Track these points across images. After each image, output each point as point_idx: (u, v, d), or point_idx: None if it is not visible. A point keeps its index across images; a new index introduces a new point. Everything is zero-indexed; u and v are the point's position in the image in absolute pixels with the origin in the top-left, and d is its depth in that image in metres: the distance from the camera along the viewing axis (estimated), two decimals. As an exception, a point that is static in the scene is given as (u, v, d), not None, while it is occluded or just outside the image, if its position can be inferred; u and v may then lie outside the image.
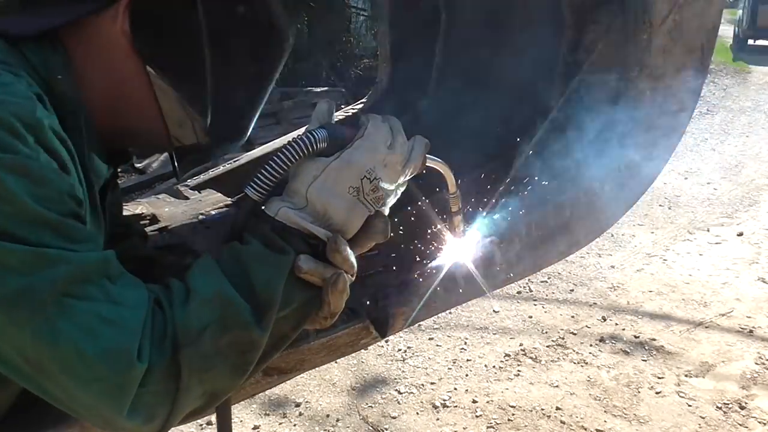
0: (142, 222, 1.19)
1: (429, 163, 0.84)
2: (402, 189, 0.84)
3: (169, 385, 0.67)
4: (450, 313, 3.72)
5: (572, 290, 4.14)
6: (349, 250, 0.76)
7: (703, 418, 2.87)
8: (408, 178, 0.83)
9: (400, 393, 3.08)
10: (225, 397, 0.76)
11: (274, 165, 0.75)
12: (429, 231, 1.03)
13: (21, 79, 0.67)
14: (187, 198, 1.39)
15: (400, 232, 1.00)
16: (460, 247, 0.98)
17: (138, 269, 0.74)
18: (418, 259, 1.08)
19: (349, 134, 0.79)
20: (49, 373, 0.63)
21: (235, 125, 0.90)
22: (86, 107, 0.76)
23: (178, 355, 0.67)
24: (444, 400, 3.01)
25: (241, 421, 2.87)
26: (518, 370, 3.25)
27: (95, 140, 0.78)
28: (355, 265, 0.78)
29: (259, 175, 0.76)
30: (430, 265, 1.05)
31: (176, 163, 0.92)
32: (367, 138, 0.78)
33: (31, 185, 0.62)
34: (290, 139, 0.75)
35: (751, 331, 3.61)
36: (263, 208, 0.76)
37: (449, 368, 3.28)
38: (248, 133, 0.93)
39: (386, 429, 2.83)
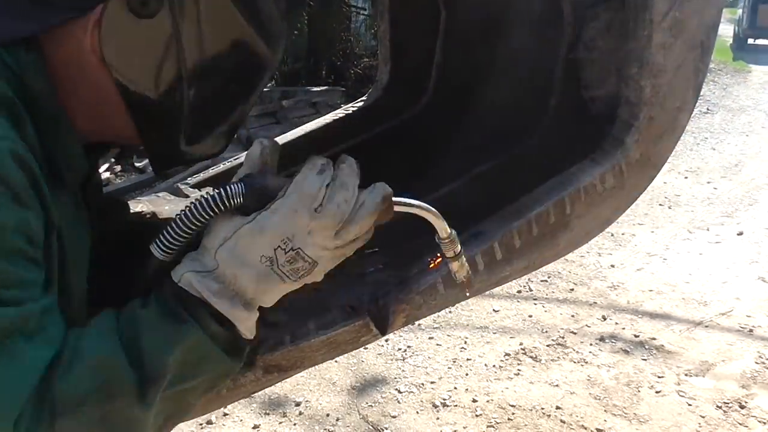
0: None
1: (400, 209, 0.73)
2: (356, 246, 0.72)
3: None
4: (450, 312, 3.72)
5: (572, 289, 4.13)
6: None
7: (703, 417, 2.87)
8: (361, 236, 0.71)
9: (400, 392, 3.08)
10: None
11: (180, 224, 0.69)
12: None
13: None
14: (187, 196, 1.39)
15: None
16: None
17: (123, 240, 0.71)
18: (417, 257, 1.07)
19: (276, 186, 0.69)
20: None
21: (211, 140, 0.85)
22: (64, 107, 0.73)
23: (57, 425, 0.61)
24: (444, 400, 3.01)
25: (241, 420, 2.87)
26: (518, 370, 3.25)
27: (74, 138, 0.75)
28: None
29: (164, 233, 0.69)
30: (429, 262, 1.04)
31: (152, 162, 0.87)
32: (289, 198, 0.67)
33: None
34: (203, 193, 0.68)
35: (751, 331, 3.61)
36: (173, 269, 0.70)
37: (449, 367, 3.28)
38: (225, 147, 0.88)
39: (386, 428, 2.83)
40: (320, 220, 0.67)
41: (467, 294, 1.04)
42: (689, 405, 2.95)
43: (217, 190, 0.68)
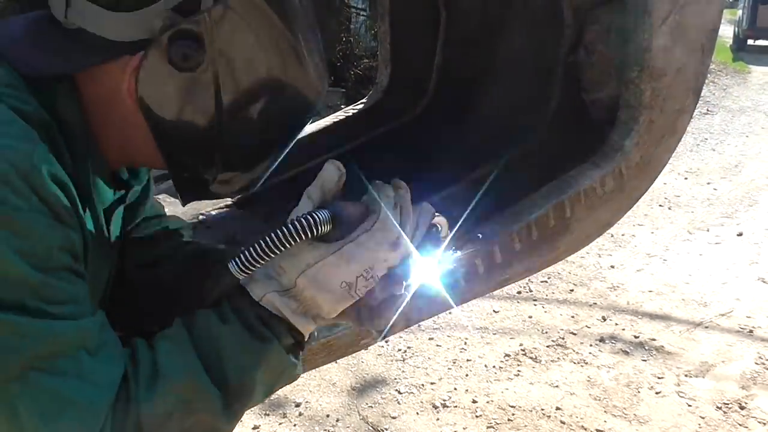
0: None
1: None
2: None
3: None
4: (450, 313, 3.72)
5: (572, 290, 4.13)
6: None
7: (703, 418, 2.87)
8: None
9: (400, 393, 3.08)
10: None
11: (265, 248, 0.68)
12: None
13: (27, 107, 0.64)
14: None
15: None
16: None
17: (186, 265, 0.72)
18: None
19: (355, 215, 0.71)
20: None
21: (242, 181, 0.84)
22: (94, 137, 0.73)
23: None
24: (444, 400, 3.01)
25: (240, 421, 2.86)
26: (518, 370, 3.25)
27: (103, 165, 0.76)
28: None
29: (247, 254, 0.69)
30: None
31: (179, 192, 0.85)
32: (375, 233, 0.70)
33: (15, 239, 0.58)
34: (289, 220, 0.68)
35: (751, 331, 3.61)
36: (246, 286, 0.71)
37: (449, 368, 3.28)
38: (257, 186, 0.86)
39: (386, 429, 2.83)
40: (398, 251, 0.71)
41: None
42: (689, 406, 2.95)
43: (305, 217, 0.68)
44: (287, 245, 0.68)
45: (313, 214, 0.68)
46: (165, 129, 0.73)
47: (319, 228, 0.68)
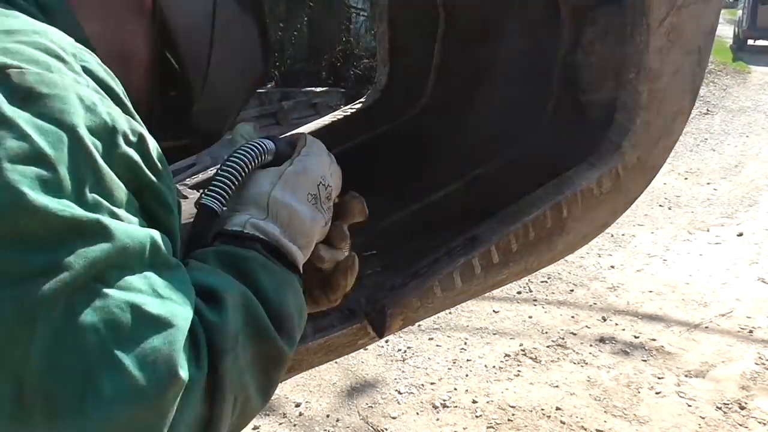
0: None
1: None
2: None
3: (205, 411, 0.51)
4: (450, 313, 3.73)
5: (572, 290, 4.14)
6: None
7: (703, 418, 2.87)
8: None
9: (400, 393, 3.08)
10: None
11: (231, 170, 0.68)
12: None
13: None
14: (185, 197, 1.39)
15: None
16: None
17: None
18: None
19: (285, 143, 0.76)
20: (54, 407, 0.42)
21: (218, 118, 0.87)
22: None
23: (220, 369, 0.52)
24: (444, 401, 3.01)
25: (240, 421, 2.88)
26: (518, 371, 3.25)
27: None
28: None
29: (216, 186, 0.68)
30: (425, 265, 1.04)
31: (161, 127, 0.84)
32: (312, 146, 0.75)
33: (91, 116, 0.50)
34: (235, 150, 0.70)
35: (751, 332, 3.61)
36: (224, 225, 0.67)
37: (449, 368, 3.28)
38: (224, 131, 0.89)
39: (386, 429, 2.83)
40: (334, 164, 0.77)
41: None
42: (689, 406, 2.96)
43: (254, 143, 0.71)
44: (250, 165, 0.69)
45: (261, 142, 0.72)
46: (169, 34, 0.74)
47: (266, 154, 0.72)
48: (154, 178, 0.55)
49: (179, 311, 0.49)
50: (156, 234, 0.51)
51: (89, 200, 0.47)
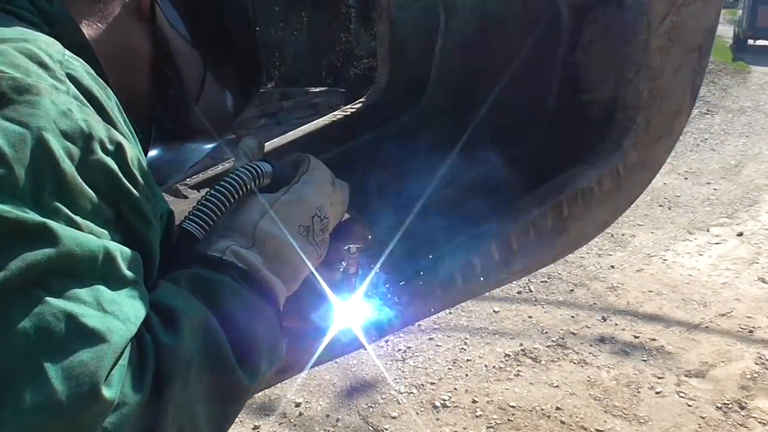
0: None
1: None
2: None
3: None
4: (450, 313, 3.73)
5: (572, 290, 4.14)
6: None
7: (703, 418, 2.87)
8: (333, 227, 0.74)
9: (400, 393, 3.08)
10: None
11: (218, 196, 0.65)
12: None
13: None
14: (186, 197, 1.39)
15: None
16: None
17: None
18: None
19: (287, 167, 0.72)
20: None
21: (216, 119, 0.86)
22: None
23: (166, 393, 0.49)
24: (444, 400, 3.01)
25: (240, 421, 2.88)
26: (518, 371, 3.25)
27: None
28: None
29: (199, 211, 0.64)
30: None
31: (163, 126, 0.82)
32: (313, 173, 0.71)
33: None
34: (230, 173, 0.66)
35: (751, 332, 3.61)
36: (206, 249, 0.64)
37: (449, 368, 3.28)
38: (226, 130, 0.90)
39: (386, 429, 2.83)
40: (337, 191, 0.73)
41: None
42: (689, 406, 2.96)
43: (248, 166, 0.67)
44: (240, 191, 0.66)
45: (258, 165, 0.67)
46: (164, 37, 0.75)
47: (263, 179, 0.68)
48: (132, 188, 0.54)
49: (118, 327, 0.47)
50: (114, 246, 0.50)
51: (46, 204, 0.46)
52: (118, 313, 0.48)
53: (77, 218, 0.48)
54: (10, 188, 0.45)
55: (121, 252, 0.50)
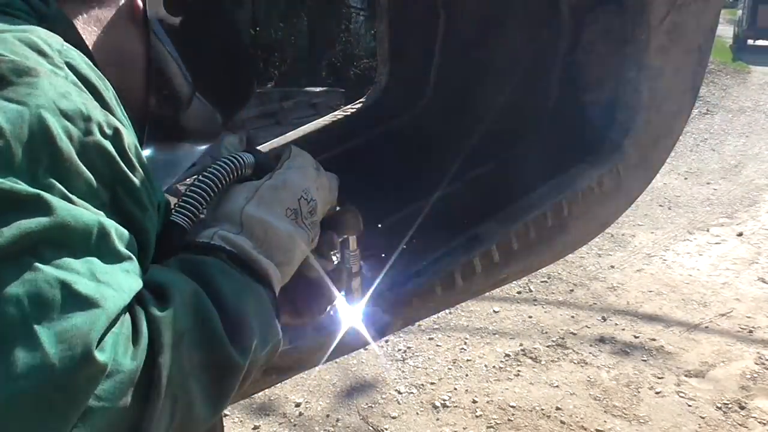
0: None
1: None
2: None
3: (136, 403, 0.48)
4: (450, 313, 3.73)
5: (572, 290, 4.14)
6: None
7: (703, 418, 2.87)
8: (323, 214, 0.75)
9: (400, 393, 3.08)
10: None
11: (202, 186, 0.66)
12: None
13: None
14: (186, 198, 1.39)
15: None
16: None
17: None
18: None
19: (270, 157, 0.73)
20: None
21: (208, 122, 0.87)
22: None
23: (158, 363, 0.49)
24: (444, 400, 3.01)
25: (240, 421, 2.87)
26: (518, 371, 3.25)
27: None
28: None
29: (186, 202, 0.65)
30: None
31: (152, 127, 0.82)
32: (295, 159, 0.73)
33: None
34: (211, 164, 0.67)
35: (750, 332, 3.61)
36: (195, 236, 0.65)
37: (449, 368, 3.28)
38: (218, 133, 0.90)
39: (386, 429, 2.83)
40: (323, 176, 0.74)
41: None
42: (689, 406, 2.95)
43: (231, 156, 0.68)
44: (225, 179, 0.67)
45: (240, 155, 0.69)
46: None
47: (244, 168, 0.69)
48: (129, 173, 0.55)
49: (111, 295, 0.47)
50: (108, 222, 0.50)
51: (41, 180, 0.47)
52: (111, 283, 0.48)
53: (72, 196, 0.49)
54: (6, 162, 0.46)
55: (115, 229, 0.51)
